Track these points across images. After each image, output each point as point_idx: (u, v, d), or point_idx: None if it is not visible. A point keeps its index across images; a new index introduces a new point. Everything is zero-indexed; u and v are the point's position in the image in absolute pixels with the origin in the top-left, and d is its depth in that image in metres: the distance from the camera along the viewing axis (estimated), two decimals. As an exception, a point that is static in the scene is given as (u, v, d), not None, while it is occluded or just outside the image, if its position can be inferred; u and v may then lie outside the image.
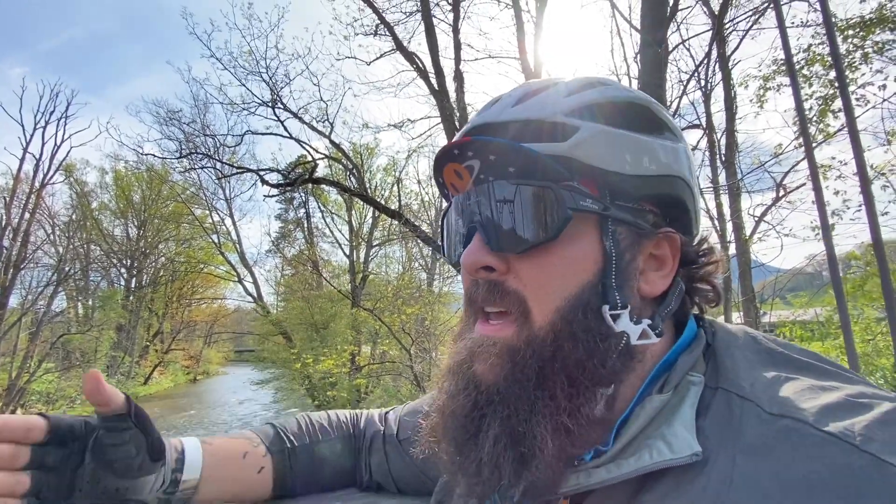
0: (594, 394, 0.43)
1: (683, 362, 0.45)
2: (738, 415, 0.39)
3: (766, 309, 7.11)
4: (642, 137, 0.46)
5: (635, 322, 0.44)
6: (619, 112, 0.47)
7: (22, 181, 19.56)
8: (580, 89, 0.48)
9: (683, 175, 0.48)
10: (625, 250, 0.45)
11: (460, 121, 7.39)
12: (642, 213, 0.47)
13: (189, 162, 12.89)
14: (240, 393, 23.00)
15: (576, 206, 0.43)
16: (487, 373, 0.45)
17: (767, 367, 0.43)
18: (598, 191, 0.45)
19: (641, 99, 0.49)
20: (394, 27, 8.17)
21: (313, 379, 15.18)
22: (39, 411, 0.57)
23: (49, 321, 19.58)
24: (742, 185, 6.90)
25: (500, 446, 0.42)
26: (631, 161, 0.45)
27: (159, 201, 27.10)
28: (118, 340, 24.83)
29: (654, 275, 0.48)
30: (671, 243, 0.48)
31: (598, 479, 0.41)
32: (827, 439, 0.34)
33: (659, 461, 0.38)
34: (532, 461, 0.41)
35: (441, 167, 0.50)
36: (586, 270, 0.44)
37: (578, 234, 0.45)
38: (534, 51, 6.85)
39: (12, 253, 17.96)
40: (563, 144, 0.44)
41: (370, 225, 20.05)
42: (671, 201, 0.48)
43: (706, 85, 7.18)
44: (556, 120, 0.45)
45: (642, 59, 4.89)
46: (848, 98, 1.36)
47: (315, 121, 10.92)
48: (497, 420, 0.43)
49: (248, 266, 21.78)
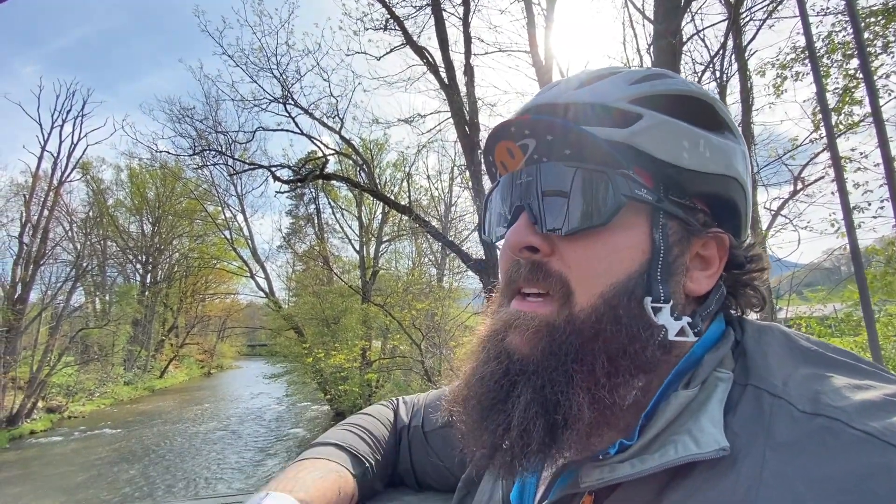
0: (632, 378, 0.42)
1: (711, 358, 0.44)
2: (768, 412, 0.37)
3: (783, 304, 6.98)
4: (703, 133, 0.45)
5: (675, 318, 0.44)
6: (682, 105, 0.46)
7: (41, 179, 20.01)
8: (645, 78, 0.47)
9: (739, 177, 0.47)
10: (673, 245, 0.45)
11: (470, 115, 7.35)
12: (693, 211, 0.46)
13: (202, 159, 13.03)
14: (253, 386, 23.34)
15: (630, 194, 0.43)
16: (522, 345, 0.44)
17: (800, 364, 0.41)
18: (653, 182, 0.44)
19: (705, 95, 0.47)
20: (404, 21, 8.14)
21: (325, 373, 15.33)
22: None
23: (68, 316, 20.03)
24: (758, 178, 6.76)
25: (531, 412, 0.41)
26: (689, 155, 0.44)
27: (173, 198, 27.51)
28: (134, 335, 25.34)
29: (699, 273, 0.47)
30: (719, 244, 0.47)
31: (623, 473, 0.40)
32: (864, 438, 0.32)
33: (684, 456, 0.37)
34: (564, 430, 0.41)
35: (494, 143, 0.49)
36: (634, 260, 0.44)
37: (629, 222, 0.44)
38: (544, 44, 6.78)
39: (32, 249, 18.39)
40: (623, 131, 0.43)
41: (380, 220, 20.11)
42: (724, 202, 0.47)
43: (721, 76, 7.03)
44: (618, 105, 0.44)
45: (655, 51, 4.80)
46: (872, 86, 1.30)
47: (325, 117, 10.95)
48: (529, 388, 0.42)
49: (260, 261, 22.01)
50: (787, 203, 6.77)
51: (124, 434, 14.86)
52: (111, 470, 11.37)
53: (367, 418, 0.78)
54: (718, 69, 6.94)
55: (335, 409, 15.76)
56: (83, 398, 18.97)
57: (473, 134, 7.25)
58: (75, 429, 15.72)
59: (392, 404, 0.83)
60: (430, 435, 0.74)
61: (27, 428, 15.18)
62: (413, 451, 0.75)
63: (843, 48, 5.80)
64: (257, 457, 12.43)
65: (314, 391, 17.48)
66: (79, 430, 15.43)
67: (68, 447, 13.53)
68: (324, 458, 0.66)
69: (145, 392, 23.24)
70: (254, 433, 15.05)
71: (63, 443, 14.02)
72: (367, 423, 0.77)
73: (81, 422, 16.92)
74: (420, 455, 0.75)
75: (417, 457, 0.75)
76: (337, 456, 0.68)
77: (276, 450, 13.04)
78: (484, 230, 0.53)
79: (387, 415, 0.80)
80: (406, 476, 0.77)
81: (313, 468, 0.63)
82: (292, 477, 0.59)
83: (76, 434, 14.99)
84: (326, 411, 16.96)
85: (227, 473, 11.15)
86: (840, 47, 5.83)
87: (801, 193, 6.67)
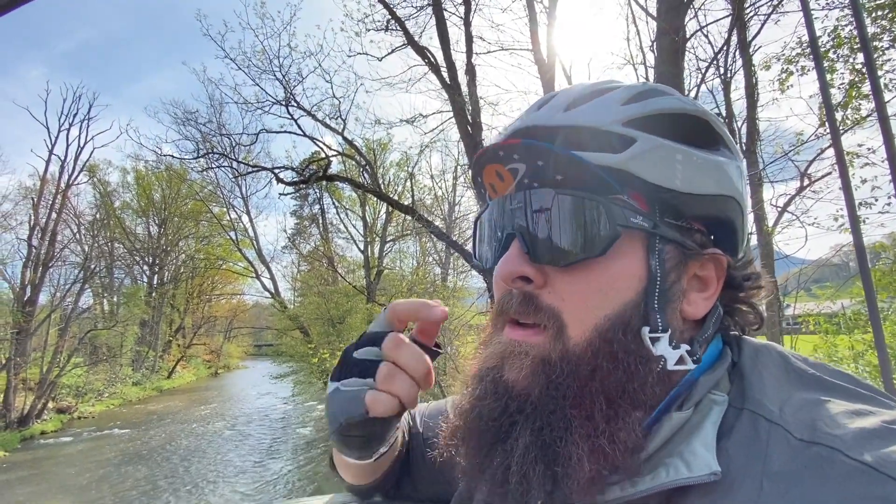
0: (631, 418, 0.40)
1: (706, 380, 0.43)
2: (765, 439, 0.37)
3: (790, 301, 6.92)
4: (699, 153, 0.44)
5: (674, 347, 0.42)
6: (676, 124, 0.44)
7: (48, 182, 20.21)
8: (637, 98, 0.45)
9: (736, 194, 0.46)
10: (670, 270, 0.43)
11: (472, 114, 7.34)
12: (690, 233, 0.45)
13: (206, 161, 13.10)
14: (260, 386, 23.49)
15: (626, 223, 0.41)
16: (521, 381, 0.43)
17: (797, 388, 0.41)
18: (648, 206, 0.43)
19: (700, 111, 0.46)
20: (405, 22, 8.13)
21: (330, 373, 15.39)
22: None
23: (77, 317, 20.23)
24: (764, 174, 6.70)
25: (529, 457, 0.40)
26: (684, 177, 0.42)
27: (179, 200, 27.70)
28: (142, 336, 25.55)
29: (696, 296, 0.46)
30: (717, 265, 0.46)
31: (613, 496, 0.39)
32: (861, 469, 0.32)
33: (676, 479, 0.37)
34: (565, 481, 0.39)
35: (482, 166, 0.47)
36: (629, 289, 0.42)
37: (624, 250, 0.42)
38: (547, 41, 6.75)
39: (41, 252, 18.58)
40: (618, 156, 0.41)
41: (384, 220, 20.15)
42: (721, 221, 0.46)
43: (726, 73, 6.97)
44: (611, 129, 0.42)
45: (658, 48, 4.76)
46: (877, 81, 1.29)
47: (328, 118, 10.97)
48: (528, 430, 0.41)
49: (266, 262, 22.13)
50: (793, 199, 6.71)
51: (133, 434, 15.00)
52: (121, 470, 11.48)
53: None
54: (723, 65, 6.89)
55: (341, 408, 15.81)
56: (92, 399, 19.17)
57: (476, 133, 7.24)
58: (85, 429, 15.88)
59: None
60: (428, 443, 0.73)
61: (38, 428, 15.36)
62: (412, 455, 0.75)
63: (849, 42, 5.73)
64: (264, 457, 12.51)
65: (320, 391, 17.56)
66: (88, 431, 15.59)
67: (78, 447, 13.68)
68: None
69: (153, 392, 23.44)
70: (261, 433, 15.14)
71: (73, 443, 14.18)
72: None
73: (91, 422, 17.10)
74: (419, 461, 0.74)
75: (416, 462, 0.75)
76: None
77: (282, 450, 13.12)
78: (475, 255, 0.52)
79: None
80: (403, 479, 0.76)
81: None
82: None
83: (86, 434, 15.15)
84: (332, 411, 17.01)
85: (235, 474, 11.23)
86: (846, 41, 5.76)
87: (807, 189, 6.60)
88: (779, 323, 6.50)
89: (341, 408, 0.48)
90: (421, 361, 0.48)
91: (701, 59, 6.97)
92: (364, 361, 0.49)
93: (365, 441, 0.50)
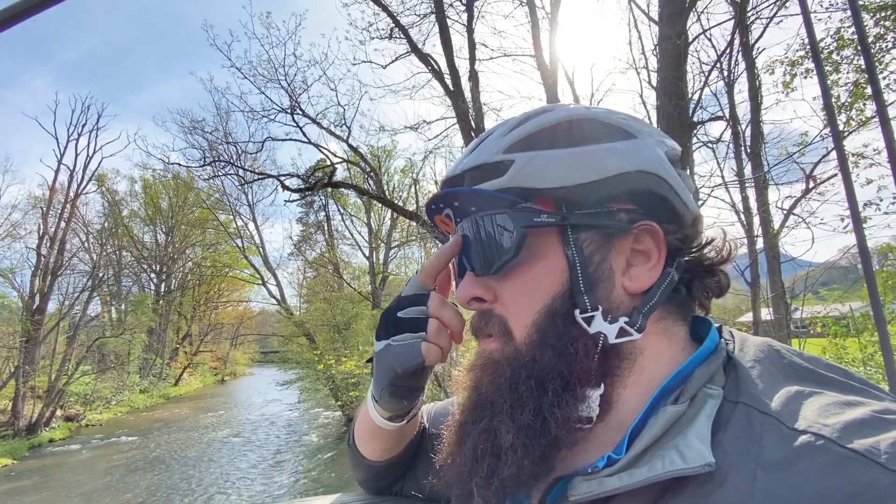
0: (572, 394, 0.45)
1: (700, 374, 0.45)
2: (758, 430, 0.38)
3: (798, 304, 6.85)
4: (579, 149, 0.49)
5: (610, 321, 0.46)
6: (553, 134, 0.50)
7: (57, 192, 20.47)
8: (516, 125, 0.52)
9: (645, 168, 0.48)
10: (592, 254, 0.48)
11: (476, 120, 7.38)
12: (609, 215, 0.48)
13: (213, 169, 13.24)
14: (266, 393, 23.50)
15: (528, 223, 0.47)
16: (480, 381, 0.51)
17: (790, 381, 0.42)
18: (554, 206, 0.48)
19: (582, 114, 0.52)
20: (408, 30, 8.21)
21: (336, 380, 15.38)
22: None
23: (85, 325, 20.41)
24: (769, 177, 6.67)
25: (479, 441, 0.47)
26: (573, 173, 0.47)
27: (185, 208, 27.97)
28: (149, 343, 25.70)
29: (639, 269, 0.48)
30: (653, 235, 0.48)
31: (610, 487, 0.41)
32: (850, 456, 0.33)
33: (671, 470, 0.38)
34: (502, 456, 0.45)
35: (432, 219, 0.58)
36: (554, 282, 0.48)
37: (543, 250, 0.49)
38: (549, 47, 6.79)
39: (50, 260, 18.79)
40: (503, 178, 0.49)
41: (389, 226, 20.21)
42: (644, 195, 0.49)
43: (729, 76, 6.96)
44: (494, 160, 0.50)
45: (661, 52, 4.78)
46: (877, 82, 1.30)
47: (333, 125, 11.07)
48: (482, 420, 0.48)
49: (272, 269, 22.20)
50: (799, 201, 6.66)
51: (141, 442, 15.05)
52: (129, 477, 11.52)
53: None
54: (726, 69, 6.89)
55: (347, 415, 15.79)
56: (100, 406, 19.27)
57: (480, 139, 7.27)
58: (93, 436, 15.96)
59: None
60: (432, 438, 0.75)
61: (46, 436, 15.46)
62: (420, 448, 0.78)
63: (852, 44, 5.72)
64: (271, 464, 12.50)
65: (326, 397, 17.55)
66: (96, 438, 15.67)
67: (86, 455, 13.74)
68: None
69: (161, 400, 23.54)
70: (267, 440, 15.14)
71: (81, 450, 14.25)
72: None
73: (99, 430, 17.19)
74: (423, 454, 0.77)
75: (422, 454, 0.77)
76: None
77: (289, 457, 13.10)
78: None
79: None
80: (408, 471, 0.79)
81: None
82: None
83: (94, 442, 15.22)
84: (339, 417, 17.00)
85: (242, 481, 11.23)
86: (850, 43, 5.75)
87: (813, 192, 6.56)
88: (786, 326, 6.43)
89: (397, 359, 0.57)
90: (461, 319, 0.58)
91: (704, 63, 6.97)
92: (411, 319, 0.57)
93: (413, 391, 0.62)
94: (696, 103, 5.79)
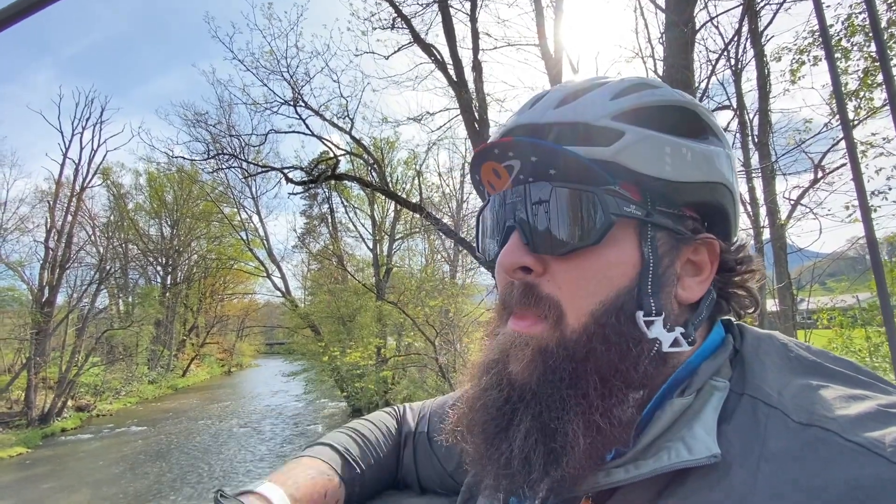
0: (626, 396, 0.43)
1: (707, 367, 0.45)
2: (763, 423, 0.38)
3: (804, 295, 6.81)
4: (687, 143, 0.45)
5: (668, 329, 0.44)
6: (664, 116, 0.46)
7: (63, 185, 20.58)
8: (625, 92, 0.47)
9: (726, 181, 0.47)
10: (663, 256, 0.45)
11: (479, 111, 7.32)
12: (682, 219, 0.46)
13: (216, 162, 13.25)
14: (272, 384, 23.75)
15: (619, 212, 0.43)
16: (521, 371, 0.45)
17: (797, 374, 0.42)
18: (641, 196, 0.45)
19: (688, 102, 0.48)
20: (411, 20, 8.13)
21: (341, 371, 15.51)
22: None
23: (93, 318, 20.63)
24: (777, 167, 6.59)
25: (531, 440, 0.43)
26: (674, 167, 0.44)
27: (190, 201, 28.04)
28: (157, 335, 25.97)
29: (691, 280, 0.47)
30: (710, 249, 0.48)
31: (618, 478, 0.41)
32: (856, 449, 0.33)
33: (677, 462, 0.38)
34: (563, 457, 0.41)
35: (479, 164, 0.49)
36: (624, 275, 0.44)
37: (618, 238, 0.44)
38: (554, 36, 6.71)
39: (58, 254, 18.96)
40: (607, 149, 0.43)
41: (392, 218, 20.20)
42: (712, 207, 0.48)
43: (737, 64, 6.85)
44: (600, 124, 0.44)
45: (667, 40, 4.71)
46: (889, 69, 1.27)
47: (336, 117, 11.03)
48: (529, 416, 0.43)
49: (276, 261, 22.32)
50: (807, 192, 6.58)
51: (150, 431, 15.29)
52: (139, 466, 11.72)
53: (365, 424, 0.80)
54: (733, 56, 6.78)
55: (352, 405, 15.95)
56: (110, 397, 19.55)
57: (483, 130, 7.23)
58: (104, 426, 16.22)
59: (397, 411, 0.85)
60: (434, 442, 0.75)
61: (58, 426, 15.73)
62: (417, 455, 0.77)
63: (863, 30, 5.61)
64: (278, 453, 12.67)
65: (331, 388, 17.71)
66: (107, 428, 15.93)
67: (98, 444, 13.98)
68: (319, 458, 0.69)
69: (169, 390, 23.85)
70: (273, 430, 15.33)
71: (92, 440, 14.49)
72: (364, 428, 0.79)
73: (109, 419, 17.46)
74: (424, 460, 0.76)
75: (422, 461, 0.76)
76: (330, 458, 0.70)
77: (295, 446, 13.27)
78: (479, 248, 0.53)
79: (386, 421, 0.82)
80: (409, 480, 0.78)
81: (308, 467, 0.67)
82: (287, 472, 0.64)
83: (105, 431, 15.47)
84: (344, 408, 17.17)
85: (249, 469, 11.39)
86: (860, 29, 5.63)
87: (821, 182, 6.48)
88: (792, 317, 6.40)
89: None
90: None
91: (711, 51, 6.86)
92: None
93: None
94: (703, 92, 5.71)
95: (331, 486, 0.67)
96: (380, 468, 0.75)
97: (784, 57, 6.50)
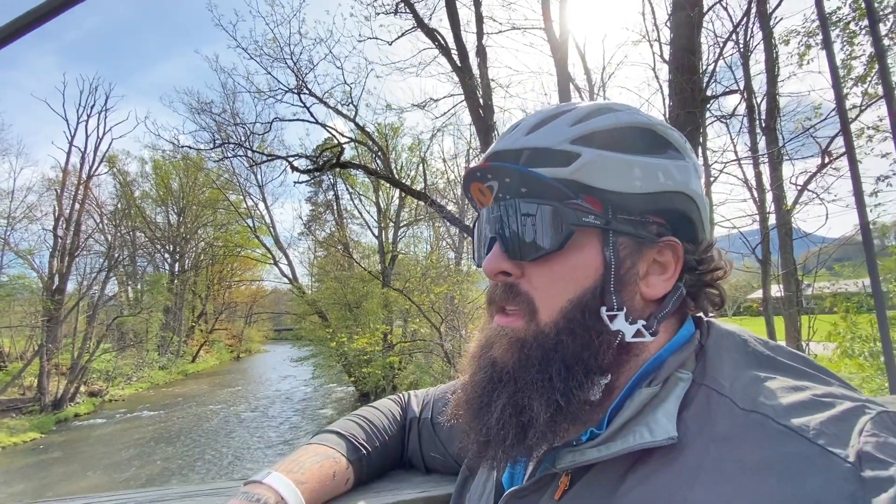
0: (589, 380, 0.49)
1: (673, 360, 0.50)
2: (714, 409, 0.44)
3: (809, 281, 6.79)
4: (642, 158, 0.52)
5: (630, 322, 0.50)
6: (620, 137, 0.52)
7: (70, 174, 20.72)
8: (585, 118, 0.53)
9: (686, 190, 0.53)
10: (625, 258, 0.52)
11: (484, 97, 7.28)
12: (644, 225, 0.53)
13: (222, 151, 13.28)
14: (280, 369, 24.12)
15: (577, 222, 0.50)
16: (501, 356, 0.53)
17: (751, 367, 0.48)
18: (602, 207, 0.51)
19: (646, 122, 0.54)
20: (414, 4, 8.04)
21: (349, 356, 15.72)
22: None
23: (103, 305, 20.94)
24: (784, 152, 6.52)
25: (506, 413, 0.51)
26: (628, 181, 0.51)
27: (196, 188, 28.17)
28: (166, 321, 26.36)
29: (656, 279, 0.53)
30: (674, 251, 0.53)
31: (591, 457, 0.47)
32: (784, 431, 0.39)
33: (641, 443, 0.45)
34: (529, 429, 0.49)
35: (468, 185, 0.58)
36: (588, 277, 0.51)
37: (583, 244, 0.51)
38: (559, 18, 6.61)
39: (66, 242, 19.18)
40: (566, 169, 0.50)
41: (397, 206, 20.22)
42: (676, 213, 0.54)
43: (745, 47, 6.73)
44: (560, 148, 0.51)
45: (674, 23, 4.64)
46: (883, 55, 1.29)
47: (340, 105, 11.00)
48: (505, 394, 0.51)
49: (283, 248, 22.48)
50: (814, 177, 6.52)
51: (162, 416, 15.64)
52: (151, 449, 12.04)
53: (371, 410, 0.88)
54: (741, 40, 6.66)
55: (360, 390, 16.20)
56: (122, 382, 19.97)
57: (487, 116, 7.19)
58: (116, 411, 16.62)
59: (402, 398, 0.93)
60: (437, 426, 0.82)
61: (71, 411, 16.12)
62: (422, 440, 0.84)
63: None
64: (287, 437, 12.94)
65: (339, 373, 17.97)
66: (119, 413, 16.31)
67: (110, 429, 14.34)
68: (325, 444, 0.76)
69: (179, 376, 24.31)
70: (283, 414, 15.63)
71: (105, 424, 14.86)
72: (369, 414, 0.86)
73: (121, 405, 17.87)
74: (428, 443, 0.83)
75: (426, 445, 0.84)
76: (336, 443, 0.77)
77: (304, 430, 13.54)
78: (473, 254, 0.62)
79: (391, 408, 0.89)
80: (416, 462, 0.86)
81: (314, 453, 0.73)
82: (294, 460, 0.70)
83: (117, 416, 15.85)
84: (352, 392, 17.45)
85: (258, 453, 11.67)
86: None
87: (829, 167, 6.41)
88: (797, 303, 6.40)
89: None
90: None
91: (718, 36, 6.74)
92: None
93: None
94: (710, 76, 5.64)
95: (338, 468, 0.73)
96: (385, 450, 0.82)
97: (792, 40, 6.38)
